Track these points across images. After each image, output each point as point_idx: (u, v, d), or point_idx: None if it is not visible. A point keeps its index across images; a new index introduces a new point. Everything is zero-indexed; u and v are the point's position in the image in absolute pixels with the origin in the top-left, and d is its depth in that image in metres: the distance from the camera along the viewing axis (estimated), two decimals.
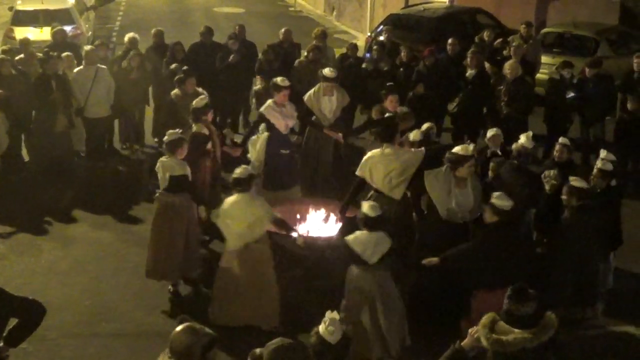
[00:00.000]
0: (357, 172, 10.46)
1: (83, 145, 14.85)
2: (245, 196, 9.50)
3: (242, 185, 9.49)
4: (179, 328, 5.46)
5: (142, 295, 10.51)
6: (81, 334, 9.60)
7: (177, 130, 10.50)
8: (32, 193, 13.62)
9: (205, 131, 11.44)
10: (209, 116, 11.75)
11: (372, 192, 10.26)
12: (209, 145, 11.51)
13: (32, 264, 11.36)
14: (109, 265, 11.35)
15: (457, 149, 9.57)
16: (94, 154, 14.78)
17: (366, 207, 8.95)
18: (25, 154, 14.66)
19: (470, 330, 6.19)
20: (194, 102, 11.61)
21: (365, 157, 10.41)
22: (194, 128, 11.43)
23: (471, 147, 9.85)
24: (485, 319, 6.28)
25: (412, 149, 10.54)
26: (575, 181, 9.64)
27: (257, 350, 5.58)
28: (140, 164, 15.12)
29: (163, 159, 10.28)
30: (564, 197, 9.65)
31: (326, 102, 12.72)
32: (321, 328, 5.69)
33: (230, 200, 9.57)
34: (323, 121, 12.65)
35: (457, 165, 9.47)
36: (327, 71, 12.60)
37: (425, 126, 11.48)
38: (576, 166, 11.82)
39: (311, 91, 12.86)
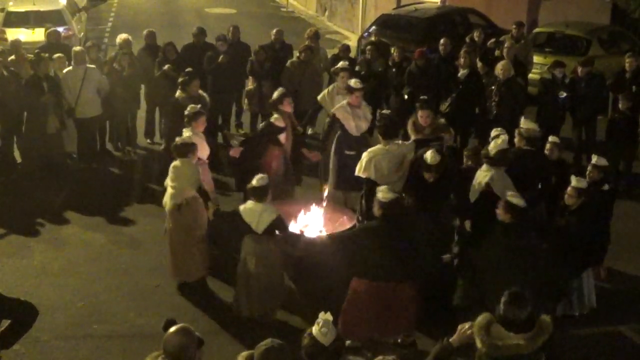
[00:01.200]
0: (361, 174, 10.57)
1: (75, 146, 14.81)
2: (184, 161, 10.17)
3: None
4: (172, 329, 5.47)
5: (135, 297, 10.49)
6: (74, 336, 9.57)
7: (188, 134, 10.66)
8: (24, 194, 13.58)
9: (281, 123, 11.69)
10: (287, 107, 11.88)
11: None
12: (283, 138, 11.78)
13: (24, 265, 11.33)
14: (101, 266, 11.32)
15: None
16: (86, 156, 14.73)
17: (255, 180, 9.41)
18: (17, 156, 14.62)
19: (460, 327, 6.20)
20: (275, 94, 12.09)
21: (366, 157, 10.53)
22: (272, 118, 11.81)
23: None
24: (482, 319, 6.30)
25: (402, 142, 10.88)
26: (577, 182, 9.74)
27: (245, 353, 5.61)
28: (133, 165, 15.10)
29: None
30: (566, 198, 9.74)
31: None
32: (314, 329, 5.66)
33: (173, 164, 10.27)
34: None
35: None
36: (353, 82, 12.39)
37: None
38: (568, 165, 11.87)
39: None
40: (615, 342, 9.66)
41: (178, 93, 13.15)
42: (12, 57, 14.82)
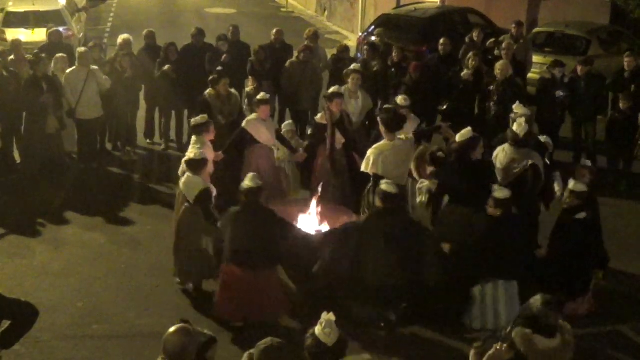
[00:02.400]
0: (369, 170, 10.69)
1: (75, 146, 14.81)
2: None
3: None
4: (172, 329, 5.48)
5: (135, 297, 10.49)
6: (74, 336, 9.57)
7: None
8: (23, 195, 13.58)
9: (324, 121, 11.89)
10: (335, 106, 11.92)
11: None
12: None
13: (24, 265, 11.33)
14: (101, 266, 11.32)
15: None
16: (86, 156, 14.73)
17: (191, 152, 10.28)
18: (16, 156, 14.61)
19: (496, 346, 5.94)
20: (331, 90, 12.22)
21: (373, 153, 10.66)
22: (318, 116, 12.25)
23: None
24: (521, 331, 6.13)
25: (404, 137, 10.95)
26: (576, 185, 9.74)
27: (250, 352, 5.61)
28: (132, 166, 15.10)
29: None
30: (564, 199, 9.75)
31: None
32: (317, 329, 5.65)
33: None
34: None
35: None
36: (400, 99, 12.41)
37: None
38: (567, 165, 11.90)
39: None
40: (615, 342, 9.65)
41: (208, 91, 13.32)
42: (12, 57, 14.82)
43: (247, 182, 9.63)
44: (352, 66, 14.07)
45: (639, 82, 14.91)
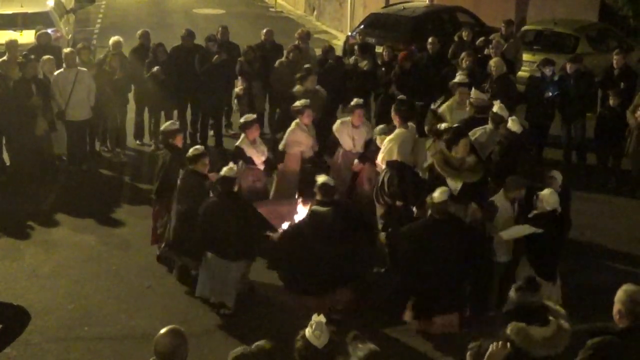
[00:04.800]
0: (387, 158, 11.00)
1: (64, 148, 14.76)
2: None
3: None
4: (163, 331, 5.48)
5: (125, 298, 10.47)
6: (65, 338, 9.55)
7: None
8: (13, 197, 13.53)
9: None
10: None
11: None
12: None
13: (14, 268, 11.30)
14: (91, 268, 11.30)
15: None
16: (76, 157, 14.69)
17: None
18: (6, 158, 14.57)
19: (494, 345, 5.86)
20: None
21: (393, 142, 11.07)
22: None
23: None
24: (519, 328, 6.10)
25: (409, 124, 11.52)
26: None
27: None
28: (122, 167, 15.07)
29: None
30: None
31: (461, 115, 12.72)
32: (307, 332, 5.65)
33: None
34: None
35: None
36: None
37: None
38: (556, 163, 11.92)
39: (445, 105, 13.24)
40: None
41: (296, 87, 13.65)
42: (4, 58, 14.75)
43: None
44: (458, 78, 13.69)
45: (627, 80, 14.97)
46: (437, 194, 9.20)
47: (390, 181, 10.83)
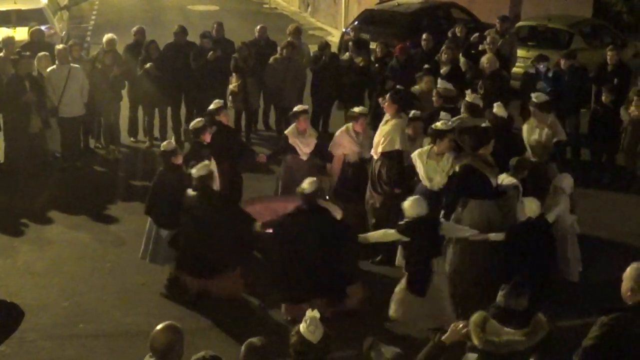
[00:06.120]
0: (397, 147, 11.05)
1: (58, 145, 14.73)
2: None
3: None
4: (159, 327, 5.48)
5: (120, 296, 10.47)
6: (59, 335, 9.55)
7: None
8: (7, 194, 13.51)
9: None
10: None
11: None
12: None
13: (8, 265, 11.28)
14: (86, 265, 11.29)
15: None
16: (70, 154, 14.67)
17: None
18: (0, 155, 14.54)
19: (453, 326, 6.16)
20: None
21: (397, 131, 11.08)
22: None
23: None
24: (477, 316, 6.30)
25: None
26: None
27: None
28: (117, 164, 15.05)
29: None
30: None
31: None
32: (302, 327, 5.66)
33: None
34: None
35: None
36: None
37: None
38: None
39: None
40: None
41: (417, 86, 13.59)
42: (1, 54, 14.74)
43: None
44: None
45: (621, 76, 14.97)
46: (306, 185, 9.41)
47: (390, 170, 10.94)
